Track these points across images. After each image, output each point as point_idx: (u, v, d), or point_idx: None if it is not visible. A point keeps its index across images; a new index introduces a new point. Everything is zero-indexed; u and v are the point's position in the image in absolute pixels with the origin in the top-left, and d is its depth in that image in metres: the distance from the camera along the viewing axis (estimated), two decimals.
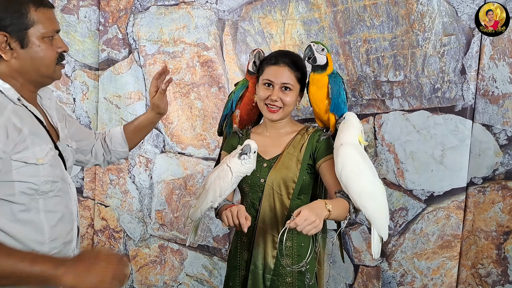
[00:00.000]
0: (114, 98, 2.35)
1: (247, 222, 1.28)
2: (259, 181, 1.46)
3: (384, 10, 1.84)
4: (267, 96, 1.42)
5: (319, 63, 1.40)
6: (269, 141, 1.51)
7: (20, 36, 1.02)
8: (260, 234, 1.45)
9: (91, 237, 2.47)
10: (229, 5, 2.10)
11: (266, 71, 1.44)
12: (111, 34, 2.32)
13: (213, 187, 1.40)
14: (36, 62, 1.05)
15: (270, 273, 1.44)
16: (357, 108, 1.93)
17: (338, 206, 1.29)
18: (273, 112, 1.43)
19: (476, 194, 1.80)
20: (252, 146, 1.36)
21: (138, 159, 2.36)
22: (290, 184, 1.43)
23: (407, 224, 1.91)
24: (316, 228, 1.17)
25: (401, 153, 1.88)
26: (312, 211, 1.19)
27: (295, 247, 1.44)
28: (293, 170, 1.43)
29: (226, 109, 1.61)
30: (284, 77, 1.41)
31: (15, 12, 1.01)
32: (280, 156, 1.46)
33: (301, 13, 1.96)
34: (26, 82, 1.08)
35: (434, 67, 1.80)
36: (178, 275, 2.36)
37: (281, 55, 1.45)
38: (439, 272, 1.88)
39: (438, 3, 1.76)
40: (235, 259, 1.53)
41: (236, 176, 1.38)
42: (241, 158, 1.36)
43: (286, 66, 1.41)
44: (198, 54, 2.19)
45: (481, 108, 1.76)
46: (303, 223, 1.16)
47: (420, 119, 1.84)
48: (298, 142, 1.47)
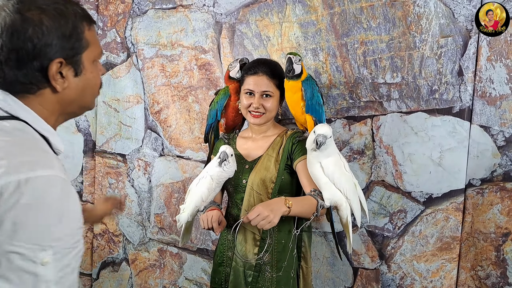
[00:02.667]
0: (113, 102, 2.36)
1: (220, 227, 1.42)
2: (242, 182, 1.56)
3: (381, 12, 1.83)
4: (249, 104, 1.55)
5: (297, 73, 1.53)
6: (252, 144, 1.63)
7: (75, 62, 0.84)
8: (241, 232, 1.54)
9: (90, 241, 2.47)
10: (226, 8, 2.10)
11: (246, 81, 1.57)
12: (110, 38, 2.33)
13: (196, 193, 1.52)
14: (86, 91, 0.89)
15: (251, 269, 1.52)
16: (354, 110, 1.93)
17: (303, 203, 1.38)
18: (256, 117, 1.56)
19: (475, 195, 1.79)
20: (228, 151, 1.48)
21: (137, 162, 2.36)
22: (268, 184, 1.51)
23: (406, 226, 1.90)
24: (271, 223, 1.26)
25: (399, 155, 1.88)
26: (267, 207, 1.28)
27: (275, 244, 1.51)
28: (271, 170, 1.52)
29: (211, 119, 1.71)
30: (263, 86, 1.54)
31: (70, 34, 0.83)
32: (261, 158, 1.56)
33: (298, 16, 1.96)
34: (61, 115, 0.90)
35: (431, 68, 1.79)
36: (178, 278, 2.35)
37: (259, 64, 1.58)
38: (438, 275, 1.87)
39: (435, 5, 1.76)
40: (220, 256, 1.63)
41: (217, 182, 1.50)
42: (221, 165, 1.47)
43: (264, 75, 1.54)
44: (195, 57, 2.19)
45: (479, 110, 1.75)
46: (256, 218, 1.26)
47: (418, 121, 1.83)
48: (277, 144, 1.57)
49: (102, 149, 2.39)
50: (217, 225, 1.42)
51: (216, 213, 1.47)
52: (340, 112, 1.95)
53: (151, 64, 2.28)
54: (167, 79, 2.26)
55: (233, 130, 1.76)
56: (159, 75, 2.27)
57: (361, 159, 1.94)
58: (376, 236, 1.95)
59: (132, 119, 2.34)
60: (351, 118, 1.93)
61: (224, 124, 1.73)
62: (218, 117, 1.70)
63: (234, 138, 1.70)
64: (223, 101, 1.70)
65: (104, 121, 2.37)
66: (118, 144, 2.37)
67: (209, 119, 1.76)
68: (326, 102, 1.96)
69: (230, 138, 1.70)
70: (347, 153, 1.95)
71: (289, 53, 1.56)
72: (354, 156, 1.95)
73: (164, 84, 2.27)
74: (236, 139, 1.69)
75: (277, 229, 1.51)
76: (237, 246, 1.54)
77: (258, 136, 1.63)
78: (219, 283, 1.61)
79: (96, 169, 2.41)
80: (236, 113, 1.70)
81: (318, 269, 2.06)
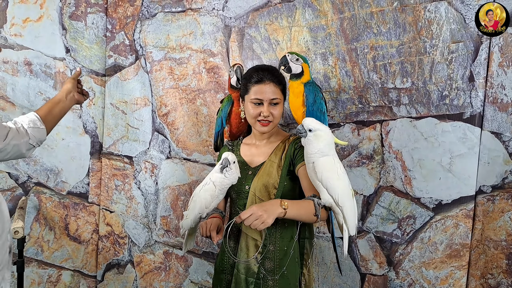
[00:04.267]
0: (121, 104, 2.36)
1: (219, 235, 1.42)
2: (244, 188, 1.54)
3: (391, 17, 1.83)
4: (258, 113, 1.51)
5: (294, 72, 1.51)
6: (256, 150, 1.61)
7: None
8: (243, 239, 1.51)
9: (95, 243, 2.46)
10: (236, 12, 2.11)
11: (252, 90, 1.52)
12: (118, 41, 2.33)
13: (199, 200, 1.50)
14: None
15: (253, 277, 1.49)
16: (363, 115, 1.92)
17: (300, 206, 1.36)
18: (265, 126, 1.53)
19: (485, 202, 1.77)
20: (230, 158, 1.46)
21: (143, 164, 2.35)
22: (271, 190, 1.49)
23: (415, 232, 1.88)
24: (264, 223, 1.25)
25: (408, 161, 1.86)
26: (261, 207, 1.28)
27: (277, 251, 1.50)
28: (273, 176, 1.50)
29: (218, 127, 1.73)
30: (271, 94, 1.50)
31: None
32: (263, 164, 1.55)
33: (307, 20, 1.96)
34: None
35: (442, 74, 1.78)
36: (183, 282, 2.34)
37: (262, 71, 1.53)
38: (447, 282, 1.85)
39: (446, 10, 1.75)
40: (221, 263, 1.61)
41: (220, 189, 1.48)
42: (223, 172, 1.46)
43: (271, 82, 1.50)
44: (204, 61, 2.19)
45: (490, 116, 1.74)
46: (249, 218, 1.24)
47: (427, 126, 1.82)
48: (280, 149, 1.55)
49: (109, 151, 2.39)
50: (215, 233, 1.42)
51: (215, 221, 1.47)
52: (349, 117, 1.94)
53: (160, 66, 2.28)
54: (175, 82, 2.26)
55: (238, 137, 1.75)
56: (167, 78, 2.27)
57: (369, 164, 1.93)
58: (384, 242, 1.94)
59: (140, 122, 2.34)
60: (360, 123, 1.92)
61: (228, 131, 1.72)
62: (223, 124, 1.70)
63: (238, 145, 1.69)
64: (226, 109, 1.70)
65: (111, 123, 2.37)
66: (125, 146, 2.37)
67: (216, 127, 1.77)
68: (335, 107, 1.95)
69: (234, 145, 1.69)
70: (355, 158, 1.94)
71: (288, 52, 1.56)
72: (362, 161, 1.94)
73: (172, 87, 2.27)
74: (240, 145, 1.68)
75: (279, 235, 1.49)
76: (239, 253, 1.52)
77: (262, 143, 1.62)
78: None
79: (103, 171, 2.41)
80: (240, 120, 1.68)
81: (325, 275, 2.04)
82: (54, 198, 2.40)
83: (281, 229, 1.49)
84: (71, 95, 1.55)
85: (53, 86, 2.34)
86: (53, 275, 2.45)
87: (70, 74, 2.35)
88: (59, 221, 2.42)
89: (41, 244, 2.41)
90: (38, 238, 2.41)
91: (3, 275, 1.26)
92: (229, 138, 1.74)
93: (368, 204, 1.95)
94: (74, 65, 2.34)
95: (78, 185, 2.42)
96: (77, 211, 2.42)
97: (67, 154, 2.39)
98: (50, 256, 2.43)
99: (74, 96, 1.57)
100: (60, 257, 2.43)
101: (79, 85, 1.63)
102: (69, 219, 2.42)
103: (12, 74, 2.31)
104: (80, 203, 2.43)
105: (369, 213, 1.96)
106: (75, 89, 1.58)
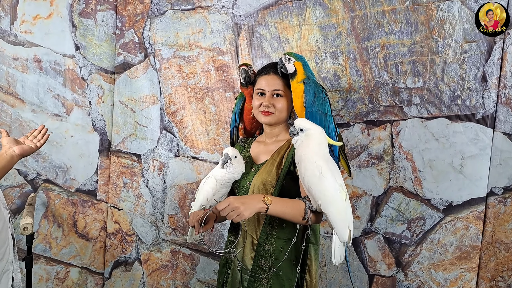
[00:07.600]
0: (129, 102, 2.36)
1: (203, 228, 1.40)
2: (246, 184, 1.55)
3: (403, 16, 1.81)
4: (260, 103, 1.53)
5: (289, 72, 1.50)
6: (264, 148, 1.61)
7: None
8: (242, 235, 1.53)
9: (103, 240, 2.47)
10: (246, 10, 2.10)
11: (258, 81, 1.56)
12: (128, 38, 2.33)
13: (202, 192, 1.55)
14: None
15: (247, 273, 1.49)
16: (374, 114, 1.90)
17: (287, 205, 1.34)
18: (267, 116, 1.52)
19: (497, 204, 1.75)
20: (230, 153, 1.48)
21: (152, 162, 2.36)
22: (269, 188, 1.48)
23: (425, 234, 1.87)
24: (240, 216, 1.25)
25: (419, 161, 1.84)
26: (238, 199, 1.28)
27: (273, 250, 1.48)
28: (272, 175, 1.49)
29: (232, 123, 1.73)
30: (274, 85, 1.52)
31: None
32: (266, 162, 1.54)
33: (318, 18, 1.94)
34: None
35: (454, 74, 1.76)
36: (190, 280, 2.34)
37: (271, 65, 1.58)
38: (457, 284, 1.84)
39: (459, 9, 1.73)
40: (224, 257, 1.62)
41: (221, 184, 1.51)
42: (225, 167, 1.48)
43: (275, 74, 1.53)
44: (213, 59, 2.18)
45: (503, 117, 1.72)
46: (226, 209, 1.25)
47: (439, 127, 1.80)
48: (283, 148, 1.54)
49: (117, 149, 2.40)
50: (198, 225, 1.38)
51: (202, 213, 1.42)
52: (359, 116, 1.92)
53: (168, 64, 2.28)
54: (184, 80, 2.26)
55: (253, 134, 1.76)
56: (176, 76, 2.27)
57: (379, 164, 1.91)
58: (393, 243, 1.92)
59: (148, 119, 2.35)
60: (370, 123, 1.91)
61: (243, 128, 1.73)
62: (237, 121, 1.71)
63: (251, 142, 1.69)
64: (239, 105, 1.71)
65: (120, 121, 2.37)
66: (134, 144, 2.37)
67: (231, 123, 1.78)
68: (345, 106, 1.94)
69: (247, 142, 1.70)
70: (365, 158, 1.93)
71: (284, 53, 1.55)
72: (372, 161, 1.92)
73: (180, 85, 2.27)
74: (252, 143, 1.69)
75: (276, 235, 1.47)
76: (236, 248, 1.53)
77: (270, 141, 1.61)
78: (221, 283, 1.61)
79: (111, 169, 2.41)
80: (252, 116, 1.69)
81: (333, 275, 2.03)
82: (63, 195, 2.41)
83: (278, 229, 1.48)
84: (11, 150, 1.49)
85: (62, 83, 2.35)
86: (61, 272, 2.46)
87: (79, 71, 2.36)
88: (68, 218, 2.43)
89: (49, 241, 2.42)
90: (47, 235, 2.42)
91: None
92: (244, 135, 1.74)
93: (377, 205, 1.94)
94: (83, 63, 2.35)
95: (86, 182, 2.42)
96: (85, 208, 2.43)
97: (76, 152, 2.39)
98: (58, 253, 2.44)
99: (15, 151, 1.49)
100: (68, 254, 2.45)
101: (28, 134, 1.58)
102: (77, 216, 2.43)
103: (22, 71, 2.32)
104: (88, 201, 2.43)
105: (378, 214, 1.94)
106: (13, 143, 1.51)
